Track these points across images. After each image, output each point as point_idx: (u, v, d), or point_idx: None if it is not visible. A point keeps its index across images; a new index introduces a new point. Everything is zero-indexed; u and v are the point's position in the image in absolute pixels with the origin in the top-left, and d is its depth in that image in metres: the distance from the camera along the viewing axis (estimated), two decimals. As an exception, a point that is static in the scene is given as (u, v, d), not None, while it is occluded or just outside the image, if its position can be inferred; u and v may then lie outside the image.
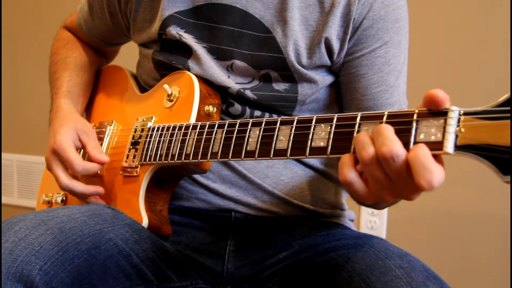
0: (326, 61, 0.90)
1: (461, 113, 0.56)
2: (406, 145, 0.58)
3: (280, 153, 0.71)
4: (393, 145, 0.57)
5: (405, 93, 0.96)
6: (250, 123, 0.77)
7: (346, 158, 0.62)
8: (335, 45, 0.89)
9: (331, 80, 0.93)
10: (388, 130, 0.58)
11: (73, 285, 0.74)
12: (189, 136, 0.85)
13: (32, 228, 0.74)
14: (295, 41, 0.89)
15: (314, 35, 0.89)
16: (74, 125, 0.98)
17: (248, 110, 0.93)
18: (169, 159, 0.86)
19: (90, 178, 1.00)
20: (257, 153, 0.74)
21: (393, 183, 0.59)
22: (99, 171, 0.99)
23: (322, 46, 0.88)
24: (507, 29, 1.61)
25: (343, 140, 0.65)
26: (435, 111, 0.58)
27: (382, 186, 0.60)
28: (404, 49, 0.93)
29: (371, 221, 1.89)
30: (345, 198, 1.06)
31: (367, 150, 0.59)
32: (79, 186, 0.93)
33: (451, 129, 0.56)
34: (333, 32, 0.88)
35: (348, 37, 0.88)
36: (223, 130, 0.80)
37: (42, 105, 1.64)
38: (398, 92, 0.93)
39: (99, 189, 0.94)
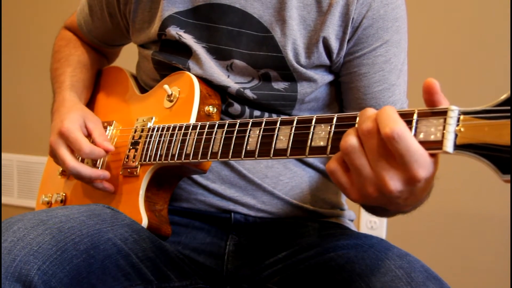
0: (325, 60, 0.90)
1: (460, 113, 0.56)
2: None
3: (280, 153, 0.72)
4: (374, 120, 0.58)
5: (406, 92, 0.96)
6: (250, 123, 0.77)
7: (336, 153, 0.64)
8: (334, 45, 0.89)
9: (331, 79, 0.93)
10: (370, 110, 0.60)
11: (72, 285, 0.74)
12: (189, 136, 0.85)
13: (30, 228, 0.74)
14: (294, 41, 0.89)
15: (312, 34, 0.89)
16: (82, 112, 0.98)
17: (247, 110, 0.93)
18: (169, 159, 0.86)
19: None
20: (257, 153, 0.74)
21: (372, 171, 0.59)
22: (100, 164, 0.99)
23: (320, 45, 0.89)
24: (507, 29, 1.61)
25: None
26: (435, 111, 0.58)
27: (363, 176, 0.60)
28: (404, 48, 0.93)
29: (371, 221, 1.89)
30: (345, 198, 1.06)
31: (345, 139, 0.61)
32: (86, 169, 0.92)
33: (451, 128, 0.56)
34: (331, 31, 0.88)
35: (347, 37, 0.89)
36: (223, 130, 0.80)
37: (42, 105, 1.64)
38: (400, 90, 0.93)
39: (106, 173, 0.94)
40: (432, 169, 0.58)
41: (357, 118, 0.64)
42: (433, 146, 0.57)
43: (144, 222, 0.89)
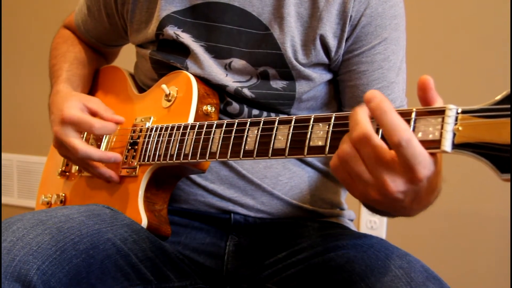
0: (323, 58, 0.90)
1: (458, 112, 0.56)
2: None
3: (279, 153, 0.71)
4: (365, 126, 0.58)
5: (405, 90, 0.96)
6: (248, 122, 0.77)
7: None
8: (332, 43, 0.89)
9: (329, 78, 0.93)
10: (359, 113, 0.60)
11: (71, 284, 0.74)
12: (188, 136, 0.85)
13: (30, 228, 0.74)
14: (292, 38, 0.89)
15: (309, 31, 0.89)
16: (78, 97, 0.97)
17: (246, 109, 0.93)
18: (167, 159, 0.86)
19: (90, 178, 1.00)
20: (255, 153, 0.74)
21: (372, 176, 0.59)
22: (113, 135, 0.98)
23: (318, 43, 0.89)
24: (507, 28, 1.61)
25: (341, 139, 0.65)
26: (433, 110, 0.58)
27: (364, 181, 0.60)
28: (402, 46, 0.94)
29: (371, 221, 1.88)
30: (345, 198, 1.06)
31: (341, 147, 0.61)
32: (96, 152, 0.91)
33: (449, 127, 0.56)
34: (329, 29, 0.88)
35: (345, 35, 0.89)
36: (222, 130, 0.80)
37: (42, 105, 1.64)
38: (399, 88, 0.93)
39: (117, 155, 0.92)
40: (433, 168, 0.58)
41: None
42: (431, 146, 0.57)
43: (144, 222, 0.89)
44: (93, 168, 0.93)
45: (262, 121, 0.75)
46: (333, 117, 0.67)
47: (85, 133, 1.01)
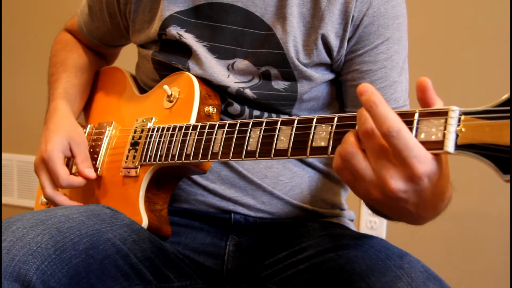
0: (325, 58, 0.90)
1: (461, 113, 0.56)
2: None
3: (281, 153, 0.71)
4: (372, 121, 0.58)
5: (407, 91, 0.95)
6: (251, 123, 0.77)
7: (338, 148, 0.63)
8: (334, 42, 0.89)
9: (331, 77, 0.94)
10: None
11: (70, 285, 0.73)
12: (189, 136, 0.85)
13: (29, 227, 0.74)
14: (294, 38, 0.89)
15: (311, 31, 0.89)
16: (67, 133, 0.99)
17: (247, 110, 0.93)
18: (169, 160, 0.86)
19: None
20: (257, 153, 0.74)
21: (374, 173, 0.59)
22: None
23: (319, 43, 0.89)
24: (507, 29, 1.61)
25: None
26: (436, 111, 0.58)
27: (367, 180, 0.60)
28: (405, 46, 0.94)
29: (371, 221, 1.89)
30: (345, 198, 1.06)
31: (343, 146, 0.61)
32: (62, 200, 0.96)
33: (452, 128, 0.56)
34: (330, 29, 0.88)
35: (348, 35, 0.89)
36: (224, 131, 0.80)
37: (42, 105, 1.64)
38: (402, 88, 0.93)
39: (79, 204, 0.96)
40: (435, 166, 0.58)
41: None
42: (434, 146, 0.57)
43: (145, 223, 0.89)
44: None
45: (264, 122, 0.75)
46: (336, 118, 0.67)
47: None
